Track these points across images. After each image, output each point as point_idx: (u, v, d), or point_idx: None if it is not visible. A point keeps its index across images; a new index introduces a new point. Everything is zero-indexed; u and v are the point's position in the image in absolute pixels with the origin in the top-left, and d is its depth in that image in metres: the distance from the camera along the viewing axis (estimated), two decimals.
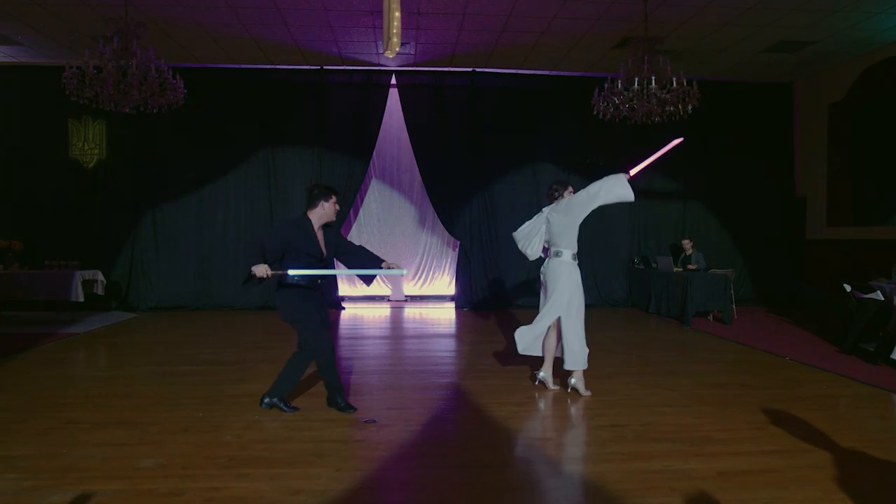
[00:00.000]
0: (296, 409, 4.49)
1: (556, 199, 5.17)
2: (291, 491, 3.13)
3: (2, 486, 3.16)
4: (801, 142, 11.35)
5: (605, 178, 4.82)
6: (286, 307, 4.36)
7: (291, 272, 4.15)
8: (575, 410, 4.66)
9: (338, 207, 4.46)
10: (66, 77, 7.01)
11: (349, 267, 4.60)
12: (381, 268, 4.50)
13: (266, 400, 4.49)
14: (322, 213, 4.37)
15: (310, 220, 4.34)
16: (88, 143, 10.45)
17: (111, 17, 7.53)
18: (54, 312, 9.32)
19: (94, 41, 7.12)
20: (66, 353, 6.84)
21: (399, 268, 4.48)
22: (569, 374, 5.02)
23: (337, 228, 4.53)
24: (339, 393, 4.51)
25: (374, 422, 4.27)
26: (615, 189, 4.77)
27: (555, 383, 5.17)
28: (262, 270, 4.02)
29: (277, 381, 4.49)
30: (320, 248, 4.35)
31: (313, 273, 4.28)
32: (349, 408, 4.47)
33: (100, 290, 9.42)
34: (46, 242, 10.02)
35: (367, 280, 4.62)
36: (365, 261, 4.57)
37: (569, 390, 5.05)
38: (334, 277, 10.25)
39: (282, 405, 4.46)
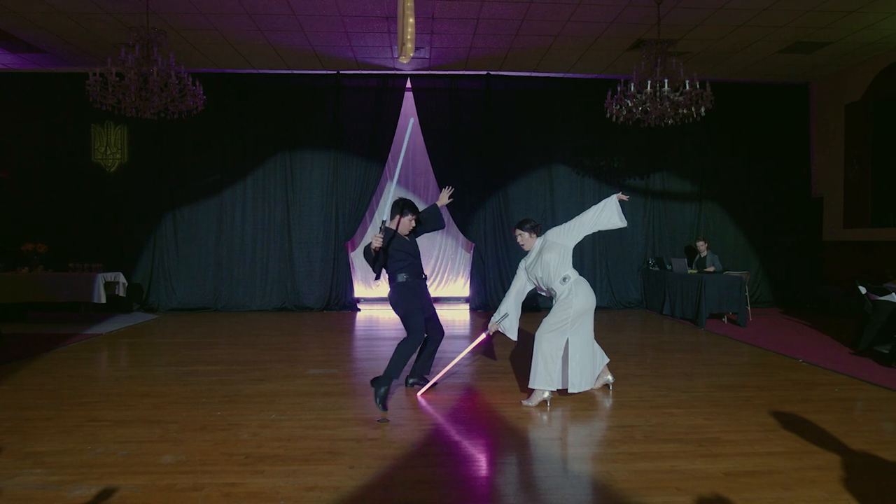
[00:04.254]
0: (385, 409, 4.64)
1: (522, 246, 5.17)
2: (306, 487, 3.22)
3: (29, 480, 3.30)
4: (817, 143, 11.29)
5: (597, 206, 4.90)
6: (400, 303, 4.95)
7: (387, 224, 4.80)
8: (586, 412, 4.71)
9: (413, 224, 5.06)
10: (90, 85, 7.21)
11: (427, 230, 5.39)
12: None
13: (381, 391, 4.70)
14: (399, 225, 4.96)
15: (391, 229, 4.92)
16: (111, 148, 10.69)
17: (133, 25, 7.71)
18: (78, 313, 9.55)
19: (116, 49, 7.33)
20: (88, 354, 7.01)
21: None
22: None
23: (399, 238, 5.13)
24: (389, 376, 4.79)
25: (388, 421, 4.37)
26: (605, 214, 4.85)
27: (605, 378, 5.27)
28: (376, 241, 4.59)
29: (389, 366, 4.80)
30: (415, 248, 5.12)
31: (388, 226, 4.82)
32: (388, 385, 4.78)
33: (121, 292, 9.64)
34: (70, 245, 10.30)
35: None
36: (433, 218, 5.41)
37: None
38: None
39: (380, 402, 4.66)
